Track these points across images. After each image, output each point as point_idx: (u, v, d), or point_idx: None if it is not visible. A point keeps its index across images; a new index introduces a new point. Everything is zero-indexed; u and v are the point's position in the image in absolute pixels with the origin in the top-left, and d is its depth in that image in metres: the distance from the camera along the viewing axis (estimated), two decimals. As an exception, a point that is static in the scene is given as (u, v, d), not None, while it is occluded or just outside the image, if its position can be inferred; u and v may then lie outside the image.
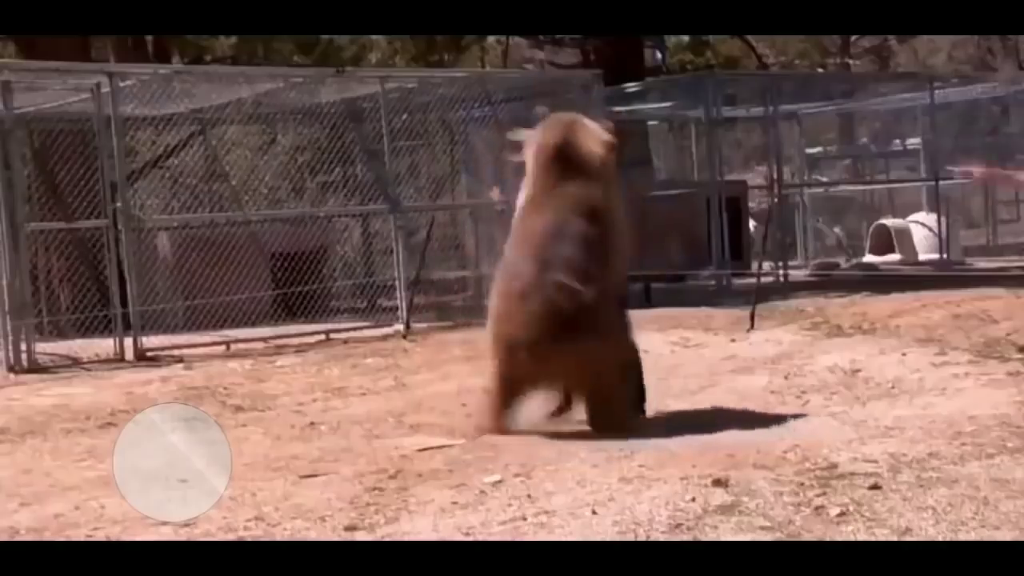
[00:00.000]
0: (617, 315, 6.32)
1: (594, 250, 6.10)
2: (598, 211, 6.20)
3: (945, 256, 16.69)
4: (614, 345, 6.21)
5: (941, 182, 17.05)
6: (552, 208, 6.19)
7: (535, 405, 6.31)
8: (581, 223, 6.11)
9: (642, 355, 6.65)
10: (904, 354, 8.20)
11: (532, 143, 6.49)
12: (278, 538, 4.47)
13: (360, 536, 4.44)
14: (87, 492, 5.40)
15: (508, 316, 6.11)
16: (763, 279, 12.46)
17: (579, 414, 6.31)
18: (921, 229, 17.57)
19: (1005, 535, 4.09)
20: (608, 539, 4.19)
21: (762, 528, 4.25)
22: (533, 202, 6.33)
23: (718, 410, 6.81)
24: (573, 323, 5.92)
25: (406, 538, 4.36)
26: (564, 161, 6.28)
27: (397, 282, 12.45)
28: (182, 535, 4.55)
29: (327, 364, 9.56)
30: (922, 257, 17.10)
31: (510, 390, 6.15)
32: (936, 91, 16.75)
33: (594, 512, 4.51)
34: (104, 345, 10.77)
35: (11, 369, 10.19)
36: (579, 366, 6.09)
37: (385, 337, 11.32)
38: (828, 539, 4.12)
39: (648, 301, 13.17)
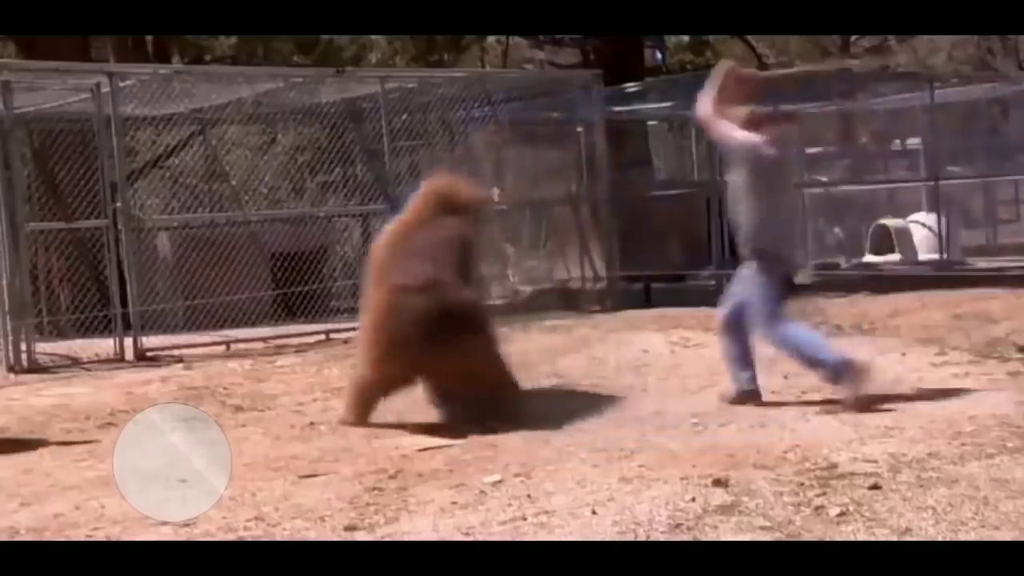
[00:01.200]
0: (484, 322, 7.08)
1: (457, 266, 7.03)
2: (459, 239, 7.21)
3: (945, 256, 16.67)
4: (484, 347, 6.88)
5: (941, 182, 17.05)
6: (427, 232, 7.16)
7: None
8: (449, 246, 7.08)
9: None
10: (904, 354, 8.20)
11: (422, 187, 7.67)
12: (278, 538, 4.47)
13: (360, 536, 4.44)
14: (87, 492, 5.40)
15: (392, 320, 6.73)
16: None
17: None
18: (921, 229, 17.55)
19: (1005, 535, 4.09)
20: (608, 539, 4.19)
21: (762, 528, 4.25)
22: (409, 225, 7.31)
23: (718, 410, 6.81)
24: (449, 325, 6.59)
25: (406, 538, 4.36)
26: (441, 203, 7.33)
27: (397, 282, 12.44)
28: (182, 535, 4.56)
29: (327, 364, 9.55)
30: (922, 257, 17.09)
31: (383, 387, 6.83)
32: (936, 91, 16.73)
33: (594, 512, 4.51)
34: (104, 345, 10.77)
35: (11, 369, 10.18)
36: (456, 365, 6.69)
37: (385, 337, 11.29)
38: (828, 539, 4.12)
39: (648, 301, 13.17)
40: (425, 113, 14.07)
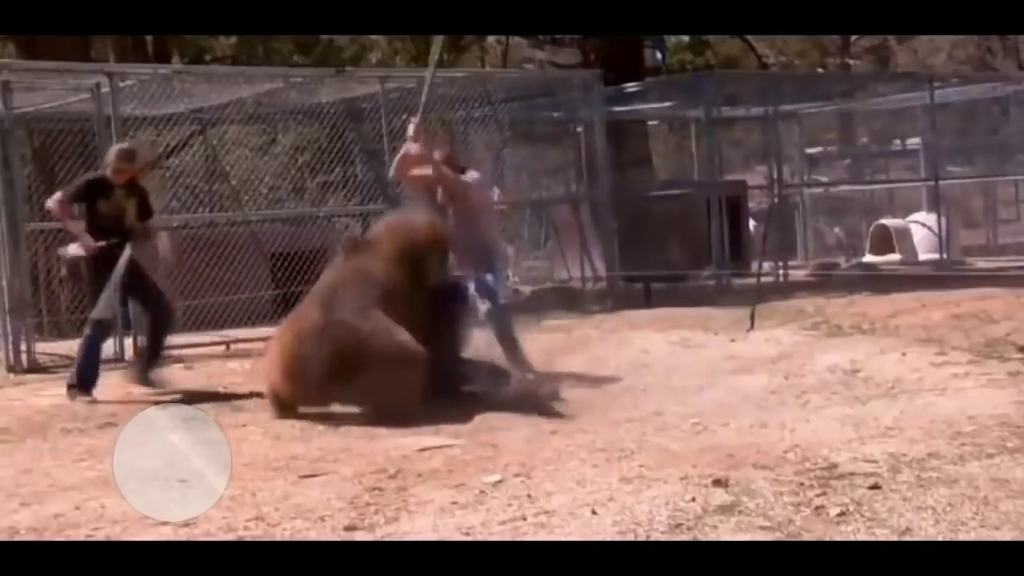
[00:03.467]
0: None
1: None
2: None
3: (945, 256, 16.67)
4: None
5: (941, 182, 17.05)
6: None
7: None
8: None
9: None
10: (904, 354, 8.19)
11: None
12: (278, 538, 4.47)
13: (360, 536, 4.44)
14: (87, 492, 5.40)
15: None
16: (763, 279, 12.45)
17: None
18: (921, 229, 17.55)
19: (1005, 535, 4.09)
20: (608, 539, 4.19)
21: (762, 528, 4.25)
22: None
23: (718, 410, 6.81)
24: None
25: (406, 538, 4.36)
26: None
27: (397, 282, 12.43)
28: (182, 535, 4.55)
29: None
30: (922, 257, 17.09)
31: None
32: (936, 91, 16.73)
33: (594, 512, 4.51)
34: (104, 345, 10.73)
35: (11, 369, 10.18)
36: None
37: (385, 337, 11.27)
38: (828, 539, 4.12)
39: (648, 301, 13.17)
40: (425, 113, 14.05)
